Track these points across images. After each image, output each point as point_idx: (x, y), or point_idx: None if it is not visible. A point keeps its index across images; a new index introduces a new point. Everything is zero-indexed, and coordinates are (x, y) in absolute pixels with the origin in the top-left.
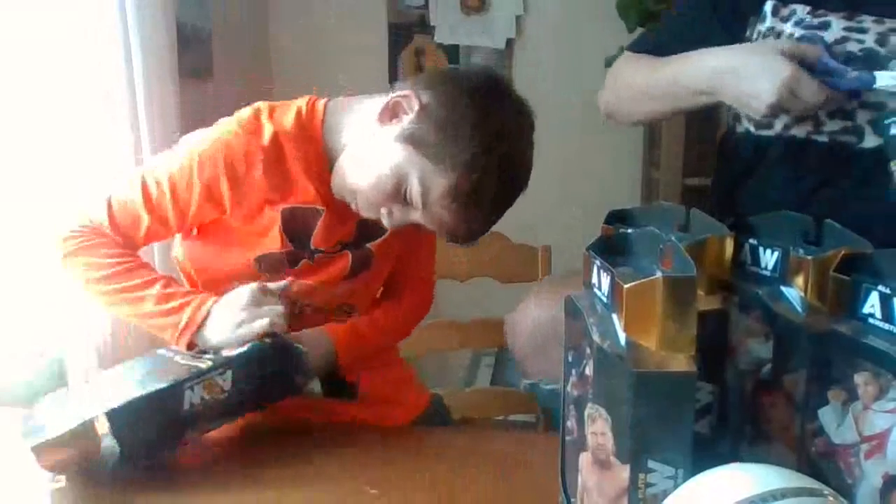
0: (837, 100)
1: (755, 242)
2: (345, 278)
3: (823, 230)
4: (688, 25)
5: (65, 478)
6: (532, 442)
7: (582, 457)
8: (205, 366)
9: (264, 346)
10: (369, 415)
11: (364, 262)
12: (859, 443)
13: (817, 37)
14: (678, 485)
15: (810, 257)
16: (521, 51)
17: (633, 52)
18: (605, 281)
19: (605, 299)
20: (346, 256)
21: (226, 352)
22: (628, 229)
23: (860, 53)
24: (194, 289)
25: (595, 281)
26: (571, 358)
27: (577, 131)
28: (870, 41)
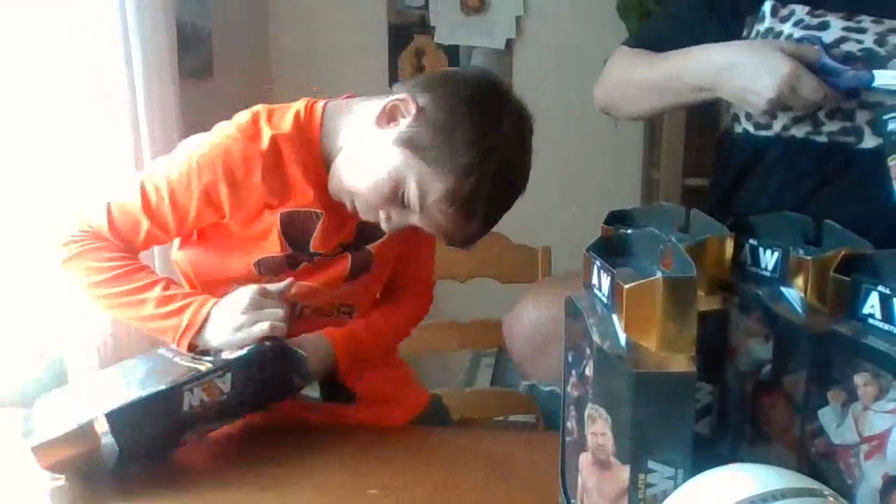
0: (836, 98)
1: (755, 243)
2: (345, 280)
3: (823, 230)
4: (686, 23)
5: (64, 477)
6: (532, 442)
7: (582, 457)
8: (204, 368)
9: (264, 349)
10: (368, 415)
11: (364, 264)
12: (859, 443)
13: (815, 38)
14: (678, 485)
15: (810, 258)
16: (521, 51)
17: (630, 47)
18: (606, 281)
19: (605, 300)
20: (345, 259)
21: (225, 354)
22: (628, 230)
23: (859, 54)
24: (194, 290)
25: (595, 281)
26: (571, 358)
27: (577, 131)
28: (869, 41)
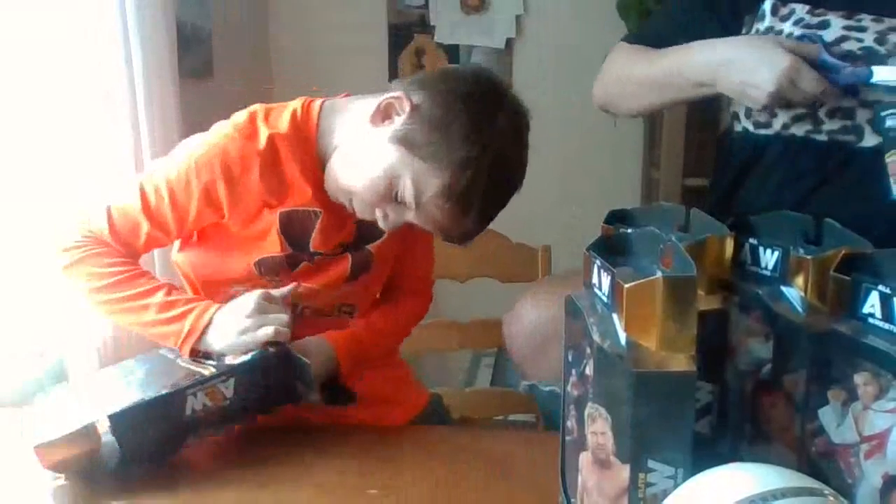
0: (835, 94)
1: (755, 242)
2: (345, 281)
3: (823, 230)
4: (685, 21)
5: (63, 476)
6: (532, 442)
7: (582, 457)
8: (208, 373)
9: (268, 355)
10: (368, 415)
11: (364, 264)
12: (859, 443)
13: (816, 36)
14: (678, 484)
15: (810, 257)
16: (521, 51)
17: (629, 44)
18: (606, 281)
19: (605, 299)
20: (346, 259)
21: (229, 359)
22: (628, 229)
23: (859, 52)
24: (196, 296)
25: (595, 281)
26: (571, 358)
27: (577, 131)
28: (869, 40)
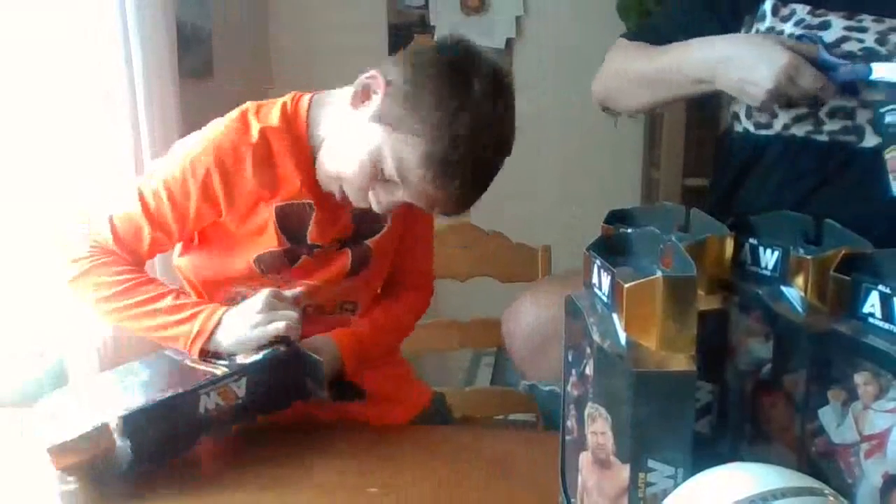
0: (835, 91)
1: (755, 242)
2: (346, 276)
3: (823, 230)
4: (685, 21)
5: (75, 479)
6: (532, 442)
7: (582, 456)
8: (220, 372)
9: (279, 354)
10: (371, 413)
11: (363, 259)
12: (859, 442)
13: (816, 37)
14: (678, 484)
15: (810, 257)
16: (521, 51)
17: (629, 41)
18: (606, 281)
19: (605, 299)
20: (345, 254)
21: (240, 358)
22: (628, 229)
23: (860, 53)
24: (203, 299)
25: (595, 281)
26: (571, 357)
27: (577, 131)
28: (870, 40)
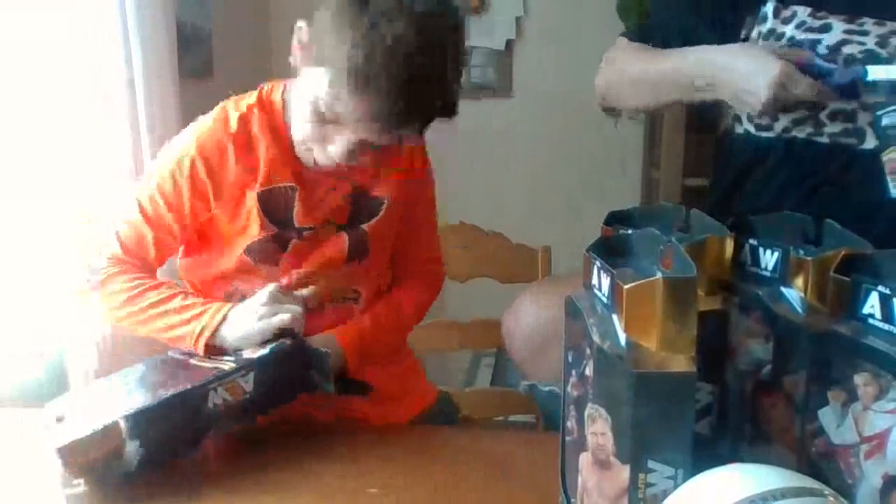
0: (831, 95)
1: (755, 243)
2: (344, 262)
3: (823, 230)
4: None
5: (82, 482)
6: (532, 442)
7: (582, 457)
8: (227, 367)
9: (285, 347)
10: (374, 412)
11: (362, 245)
12: (859, 443)
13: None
14: (678, 485)
15: (810, 258)
16: (521, 51)
17: (629, 41)
18: (606, 282)
19: (605, 300)
20: (341, 238)
21: (247, 353)
22: (628, 230)
23: (861, 55)
24: (209, 298)
25: (595, 282)
26: (571, 358)
27: (577, 131)
28: (870, 43)
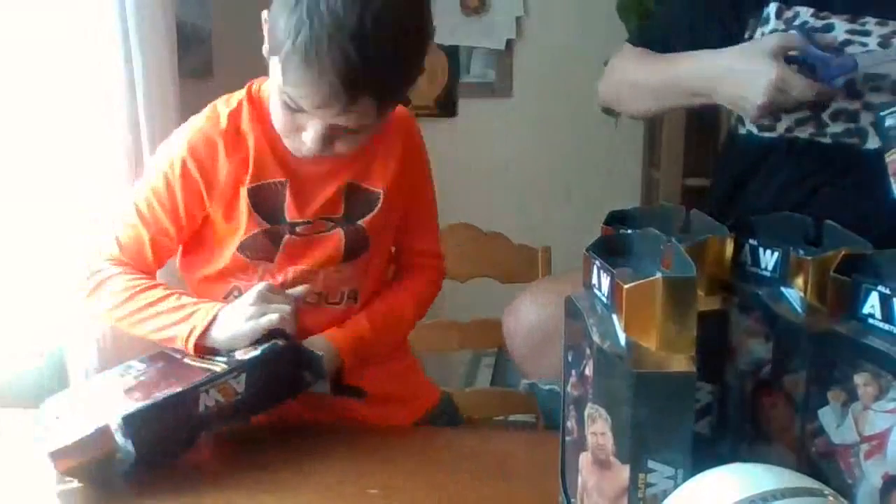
0: (829, 93)
1: (755, 243)
2: (342, 260)
3: (823, 230)
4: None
5: (76, 480)
6: (532, 442)
7: (582, 457)
8: (219, 369)
9: (277, 348)
10: (374, 414)
11: (360, 242)
12: (859, 443)
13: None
14: (678, 485)
15: (810, 258)
16: (521, 51)
17: (633, 45)
18: (605, 281)
19: (605, 300)
20: (337, 235)
21: (239, 354)
22: (628, 230)
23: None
24: (202, 298)
25: (595, 281)
26: (571, 358)
27: (577, 131)
28: (873, 44)
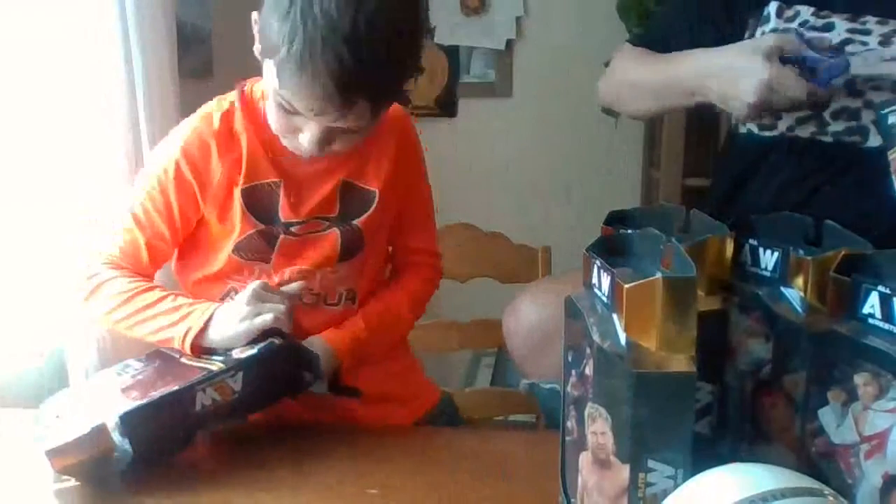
0: (822, 94)
1: (755, 243)
2: (340, 260)
3: (823, 230)
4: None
5: (72, 479)
6: (532, 442)
7: (582, 457)
8: (216, 368)
9: (273, 347)
10: (373, 414)
11: (355, 241)
12: (859, 443)
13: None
14: (678, 485)
15: (810, 258)
16: (521, 51)
17: (633, 45)
18: (606, 281)
19: (605, 300)
20: (333, 235)
21: (236, 353)
22: (628, 230)
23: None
24: (199, 299)
25: (595, 281)
26: (571, 358)
27: (577, 131)
28: (873, 42)
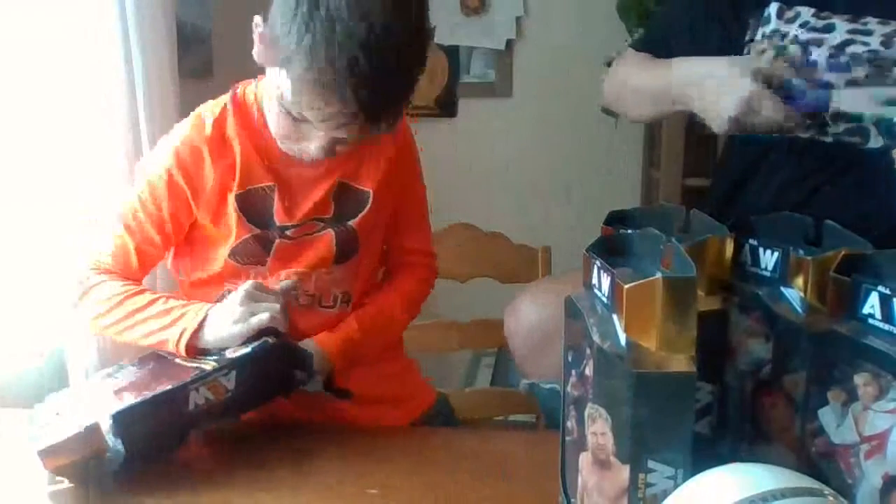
0: (797, 119)
1: (755, 243)
2: (336, 262)
3: (823, 230)
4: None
5: (66, 481)
6: (532, 442)
7: (582, 457)
8: (209, 367)
9: (267, 346)
10: (367, 415)
11: (351, 243)
12: (859, 443)
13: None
14: (678, 485)
15: (810, 258)
16: (521, 51)
17: (635, 50)
18: (606, 281)
19: (605, 300)
20: (328, 236)
21: (229, 352)
22: (628, 230)
23: (865, 55)
24: (191, 300)
25: (595, 281)
26: (571, 358)
27: (578, 131)
28: (875, 43)
